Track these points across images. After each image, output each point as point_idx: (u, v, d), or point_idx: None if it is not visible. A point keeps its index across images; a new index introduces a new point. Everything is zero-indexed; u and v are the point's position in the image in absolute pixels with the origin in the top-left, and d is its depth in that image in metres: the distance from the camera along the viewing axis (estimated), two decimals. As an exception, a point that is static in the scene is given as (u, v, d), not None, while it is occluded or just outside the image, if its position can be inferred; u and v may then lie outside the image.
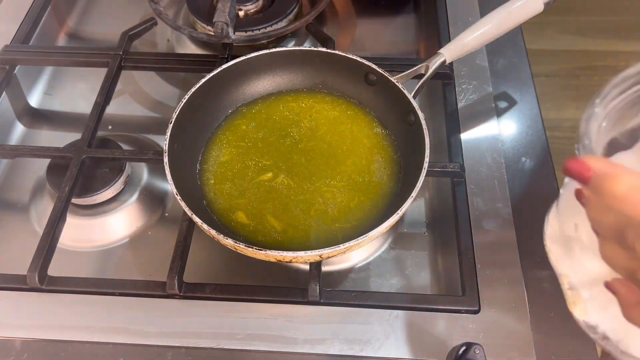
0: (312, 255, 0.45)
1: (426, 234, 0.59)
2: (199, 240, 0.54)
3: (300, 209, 0.53)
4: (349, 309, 0.49)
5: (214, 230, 0.46)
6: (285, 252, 0.45)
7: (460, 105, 0.63)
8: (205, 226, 0.46)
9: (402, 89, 0.55)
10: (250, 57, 0.58)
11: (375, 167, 0.56)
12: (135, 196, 0.60)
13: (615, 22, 1.60)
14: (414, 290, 0.54)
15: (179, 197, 0.47)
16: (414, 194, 0.47)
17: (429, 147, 0.50)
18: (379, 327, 0.48)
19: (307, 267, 0.52)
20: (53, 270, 0.51)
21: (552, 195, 0.57)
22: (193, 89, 0.55)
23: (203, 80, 0.56)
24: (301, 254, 0.45)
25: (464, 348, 0.46)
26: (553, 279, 0.51)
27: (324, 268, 0.55)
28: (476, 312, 0.49)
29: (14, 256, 0.57)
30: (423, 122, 0.52)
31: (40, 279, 0.50)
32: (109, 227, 0.59)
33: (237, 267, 0.56)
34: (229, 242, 0.46)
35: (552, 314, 0.50)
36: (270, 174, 0.55)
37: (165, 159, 0.50)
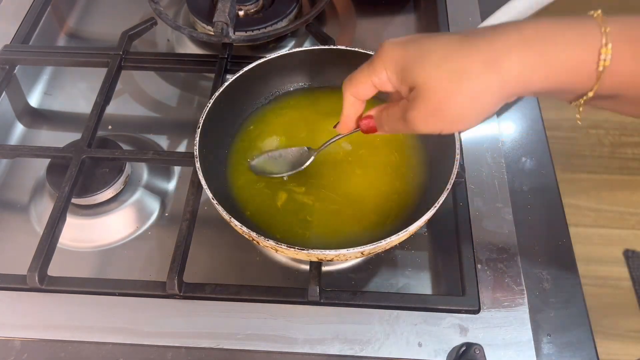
0: (354, 252, 0.45)
1: (426, 234, 0.59)
2: (199, 240, 0.54)
3: (333, 212, 0.52)
4: (349, 309, 0.49)
5: (254, 233, 0.45)
6: (327, 250, 0.45)
7: (460, 105, 0.63)
8: (244, 229, 0.46)
9: None
10: (277, 57, 0.57)
11: (404, 161, 0.55)
12: (135, 196, 0.60)
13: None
14: (414, 290, 0.54)
15: (215, 202, 0.47)
16: (449, 185, 0.47)
17: (458, 136, 0.50)
18: (379, 327, 0.48)
19: (307, 267, 0.52)
20: (53, 270, 0.51)
21: (552, 195, 0.57)
22: (217, 93, 0.54)
23: (227, 83, 0.55)
24: (343, 251, 0.44)
25: (464, 348, 0.46)
26: (553, 279, 0.51)
27: (324, 268, 0.55)
28: (476, 312, 0.49)
29: (14, 256, 0.57)
30: None
31: (40, 279, 0.50)
32: (109, 227, 0.59)
33: (237, 267, 0.56)
34: (270, 243, 0.45)
35: (552, 314, 0.50)
36: (299, 184, 0.54)
37: (197, 164, 0.49)
